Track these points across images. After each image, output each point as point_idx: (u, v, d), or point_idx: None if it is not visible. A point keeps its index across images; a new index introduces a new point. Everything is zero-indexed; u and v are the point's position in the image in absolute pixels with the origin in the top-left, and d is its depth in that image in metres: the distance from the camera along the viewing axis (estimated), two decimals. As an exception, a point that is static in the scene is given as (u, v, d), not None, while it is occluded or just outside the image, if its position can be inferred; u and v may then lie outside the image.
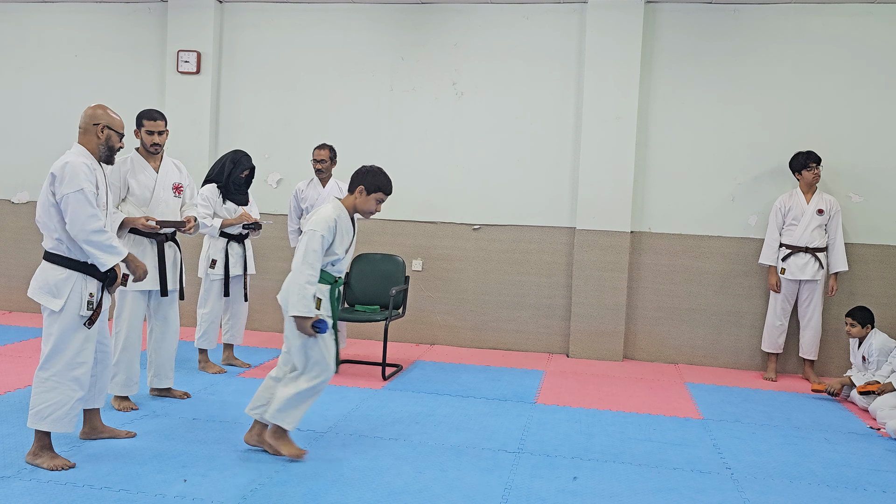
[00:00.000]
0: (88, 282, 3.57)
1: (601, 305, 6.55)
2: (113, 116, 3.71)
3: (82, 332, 3.57)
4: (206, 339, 5.57)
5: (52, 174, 3.51)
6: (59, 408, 3.53)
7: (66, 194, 3.46)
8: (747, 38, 6.41)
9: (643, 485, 3.70)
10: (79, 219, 3.45)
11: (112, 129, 3.68)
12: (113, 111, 3.74)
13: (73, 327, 3.54)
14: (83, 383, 3.60)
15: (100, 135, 3.66)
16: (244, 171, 5.48)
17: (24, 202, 7.55)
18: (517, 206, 6.76)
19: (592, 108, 6.51)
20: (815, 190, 6.07)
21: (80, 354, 3.57)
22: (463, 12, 6.81)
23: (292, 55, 7.06)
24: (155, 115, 4.54)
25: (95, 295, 3.60)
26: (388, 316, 5.63)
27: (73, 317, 3.54)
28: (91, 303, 3.57)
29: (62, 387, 3.53)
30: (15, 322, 7.05)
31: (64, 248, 3.54)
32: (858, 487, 3.80)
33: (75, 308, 3.53)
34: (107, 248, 3.52)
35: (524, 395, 5.30)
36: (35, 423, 3.54)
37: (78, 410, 3.62)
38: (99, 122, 3.66)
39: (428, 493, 3.46)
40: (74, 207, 3.45)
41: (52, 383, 3.53)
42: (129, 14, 7.33)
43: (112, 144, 3.70)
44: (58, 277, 3.53)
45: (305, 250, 3.65)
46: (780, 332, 6.13)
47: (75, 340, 3.55)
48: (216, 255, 5.48)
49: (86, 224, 3.46)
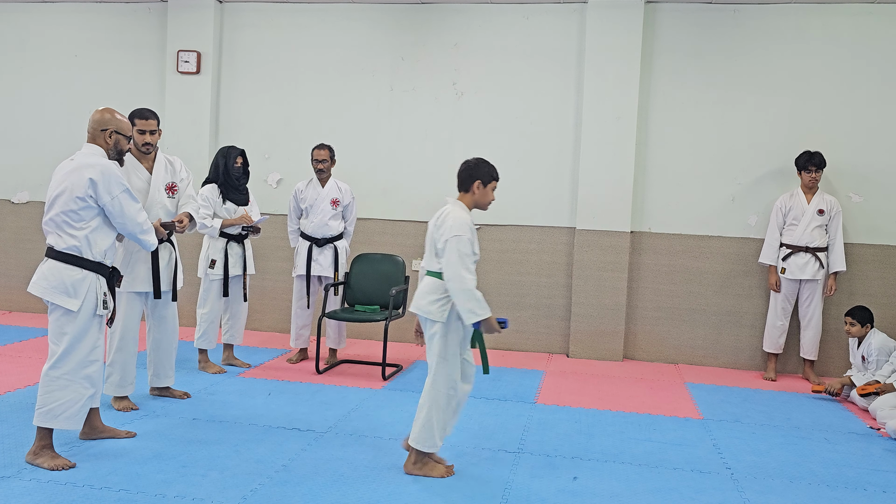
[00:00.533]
0: (101, 282, 3.64)
1: (601, 305, 6.55)
2: (120, 120, 3.76)
3: (96, 331, 3.64)
4: (206, 340, 5.57)
5: (90, 180, 3.54)
6: (71, 406, 3.57)
7: (116, 195, 3.61)
8: (747, 38, 6.41)
9: (643, 485, 3.70)
10: (132, 215, 3.68)
11: (120, 133, 3.75)
12: (120, 114, 3.78)
13: (88, 326, 3.60)
14: (95, 381, 3.66)
15: (108, 140, 3.72)
16: (236, 157, 5.49)
17: (24, 202, 7.55)
18: (517, 206, 6.76)
19: (592, 108, 6.51)
20: (815, 190, 6.08)
21: (93, 353, 3.64)
22: (463, 12, 6.81)
23: (292, 55, 7.06)
24: (146, 113, 4.49)
25: (109, 295, 3.68)
26: (388, 316, 5.63)
27: (90, 316, 3.60)
28: (106, 302, 3.65)
29: (74, 384, 3.58)
30: (15, 322, 7.05)
31: (83, 248, 3.58)
32: (858, 487, 3.80)
33: (91, 308, 3.60)
34: (149, 230, 3.84)
35: (524, 395, 5.30)
36: (45, 422, 3.56)
37: (88, 408, 3.68)
38: (107, 128, 3.71)
39: (428, 493, 3.46)
40: (127, 206, 3.65)
41: (64, 381, 3.56)
42: (129, 14, 7.33)
43: (121, 148, 3.80)
44: (74, 278, 3.56)
45: (459, 256, 3.55)
46: (781, 332, 6.13)
47: (89, 339, 3.62)
48: (215, 255, 5.49)
49: (138, 217, 3.72)
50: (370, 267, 6.09)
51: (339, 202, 5.97)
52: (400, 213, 6.91)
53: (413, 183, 6.89)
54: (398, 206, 6.93)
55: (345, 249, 6.04)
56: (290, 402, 4.85)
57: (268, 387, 5.19)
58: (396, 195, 6.94)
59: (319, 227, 5.88)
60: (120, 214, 3.64)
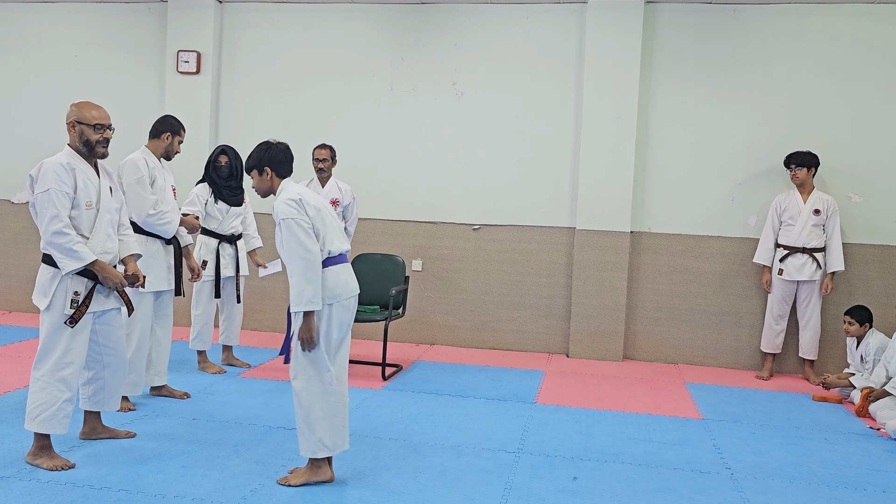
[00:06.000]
0: (75, 280, 3.53)
1: (601, 305, 6.55)
2: (84, 111, 3.58)
3: (67, 331, 3.53)
4: (200, 341, 5.56)
5: (29, 176, 3.52)
6: (47, 408, 3.51)
7: (37, 195, 3.46)
8: (747, 38, 6.41)
9: (643, 485, 3.70)
10: (43, 219, 3.44)
11: (82, 123, 3.58)
12: (93, 105, 3.62)
13: (58, 326, 3.52)
14: (70, 384, 3.56)
15: (72, 131, 3.60)
16: (218, 156, 5.43)
17: (25, 202, 7.55)
18: (517, 206, 6.76)
19: (592, 108, 6.51)
20: (811, 189, 6.07)
21: (68, 355, 3.54)
22: (463, 12, 6.81)
23: (292, 55, 7.06)
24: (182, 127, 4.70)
25: (82, 294, 3.55)
26: (388, 316, 5.63)
27: (59, 315, 3.52)
28: (75, 301, 3.52)
29: (50, 387, 3.51)
30: (15, 322, 7.05)
31: None
32: (858, 487, 3.80)
33: (60, 306, 3.51)
34: (66, 251, 3.43)
35: (524, 395, 5.31)
36: (27, 424, 3.54)
37: (67, 412, 3.57)
38: (69, 119, 3.61)
39: (428, 493, 3.46)
40: (41, 208, 3.45)
41: (41, 383, 3.52)
42: (129, 14, 7.33)
43: (87, 139, 3.58)
44: (46, 276, 3.53)
45: None
46: (778, 333, 6.13)
47: (62, 340, 3.52)
48: (207, 255, 5.46)
49: (48, 224, 3.42)
50: (370, 267, 6.09)
51: (338, 202, 5.98)
52: (400, 213, 6.91)
53: (413, 183, 6.89)
54: (398, 206, 6.93)
55: (345, 249, 6.03)
56: (290, 402, 4.83)
57: (268, 386, 5.19)
58: (396, 195, 6.94)
59: (319, 226, 5.87)
60: (38, 215, 3.47)
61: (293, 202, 3.40)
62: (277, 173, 3.54)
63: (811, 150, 6.08)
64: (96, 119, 3.60)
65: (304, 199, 3.42)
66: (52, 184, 3.45)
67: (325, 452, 3.47)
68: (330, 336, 3.46)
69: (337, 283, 3.47)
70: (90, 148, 3.61)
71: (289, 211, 3.38)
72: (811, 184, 6.07)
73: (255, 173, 3.56)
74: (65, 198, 3.47)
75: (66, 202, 3.47)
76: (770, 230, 6.12)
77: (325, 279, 3.43)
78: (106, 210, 3.65)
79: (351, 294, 3.53)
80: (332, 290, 3.44)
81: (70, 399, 3.58)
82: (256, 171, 3.55)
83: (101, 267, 3.56)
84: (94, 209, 3.59)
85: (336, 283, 3.46)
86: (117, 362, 3.87)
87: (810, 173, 6.02)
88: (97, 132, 3.60)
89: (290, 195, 3.43)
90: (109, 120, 3.67)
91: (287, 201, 3.41)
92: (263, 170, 3.54)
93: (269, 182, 3.54)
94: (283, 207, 3.40)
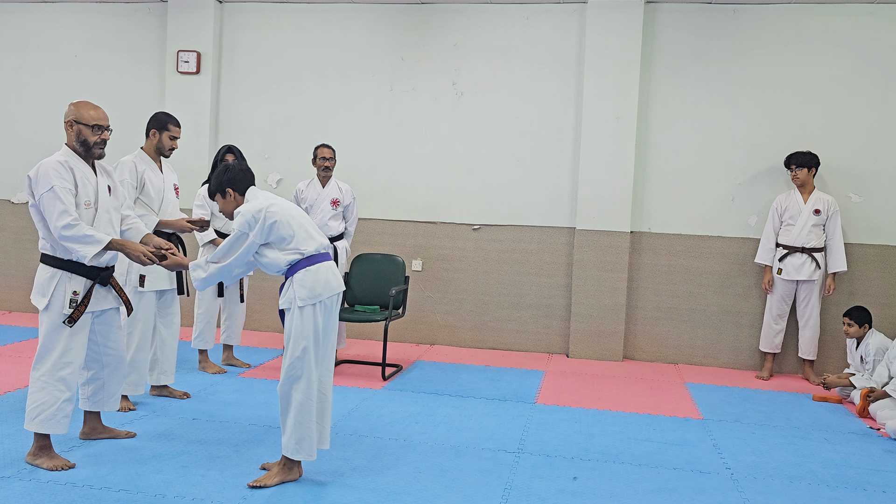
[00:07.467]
0: (74, 280, 3.54)
1: (601, 305, 6.55)
2: (82, 111, 3.58)
3: (66, 331, 3.53)
4: (202, 340, 5.57)
5: (27, 177, 3.51)
6: (46, 408, 3.51)
7: (41, 195, 3.46)
8: (747, 38, 6.41)
9: (643, 485, 3.70)
10: (52, 217, 3.44)
11: (80, 123, 3.57)
12: (92, 105, 3.62)
13: (56, 326, 3.52)
14: (70, 384, 3.56)
15: (69, 131, 3.60)
16: (224, 155, 5.45)
17: (25, 202, 7.54)
18: (517, 206, 6.76)
19: (592, 108, 6.51)
20: (811, 189, 6.07)
21: (67, 354, 3.54)
22: (463, 12, 6.81)
23: (292, 55, 7.06)
24: (178, 122, 4.61)
25: (81, 293, 3.55)
26: (388, 316, 5.63)
27: (57, 315, 3.52)
28: (73, 301, 3.52)
29: (49, 387, 3.51)
30: (15, 322, 7.05)
31: (49, 246, 3.54)
32: (858, 487, 3.80)
33: (59, 306, 3.51)
34: (81, 238, 3.44)
35: (524, 395, 5.30)
36: (27, 424, 3.54)
37: (67, 412, 3.57)
38: (68, 118, 3.60)
39: (428, 493, 3.46)
40: (47, 206, 3.45)
41: (41, 383, 3.52)
42: (129, 14, 7.33)
43: (85, 139, 3.57)
44: (44, 276, 3.54)
45: None
46: (777, 333, 6.13)
47: (60, 340, 3.52)
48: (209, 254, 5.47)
49: (57, 221, 3.43)
50: (370, 267, 6.09)
51: (339, 202, 5.98)
52: (400, 213, 6.91)
53: (413, 183, 6.89)
54: (398, 206, 6.93)
55: (345, 250, 6.04)
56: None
57: (268, 386, 5.19)
58: (396, 195, 6.94)
59: (319, 226, 5.87)
60: (44, 215, 3.47)
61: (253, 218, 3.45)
62: (239, 191, 3.62)
63: (811, 151, 6.08)
64: (95, 120, 3.60)
65: (269, 210, 3.46)
66: (54, 181, 3.45)
67: (304, 455, 3.46)
68: (317, 337, 3.46)
69: (317, 282, 3.45)
70: (87, 148, 3.61)
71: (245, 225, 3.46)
72: (812, 184, 6.07)
73: (218, 197, 3.65)
74: (69, 193, 3.48)
75: (70, 198, 3.48)
76: (771, 230, 6.12)
77: (304, 280, 3.43)
78: (104, 209, 3.65)
79: (332, 293, 3.52)
80: (312, 290, 3.43)
81: (70, 399, 3.58)
82: (220, 194, 3.64)
83: (121, 244, 3.58)
84: (92, 209, 3.59)
85: (316, 282, 3.45)
86: (116, 362, 3.87)
87: (811, 173, 6.02)
88: (95, 133, 3.60)
89: (254, 207, 3.48)
90: (108, 121, 3.66)
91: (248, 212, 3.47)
92: (226, 192, 3.63)
93: (234, 202, 3.63)
94: (241, 220, 3.47)
